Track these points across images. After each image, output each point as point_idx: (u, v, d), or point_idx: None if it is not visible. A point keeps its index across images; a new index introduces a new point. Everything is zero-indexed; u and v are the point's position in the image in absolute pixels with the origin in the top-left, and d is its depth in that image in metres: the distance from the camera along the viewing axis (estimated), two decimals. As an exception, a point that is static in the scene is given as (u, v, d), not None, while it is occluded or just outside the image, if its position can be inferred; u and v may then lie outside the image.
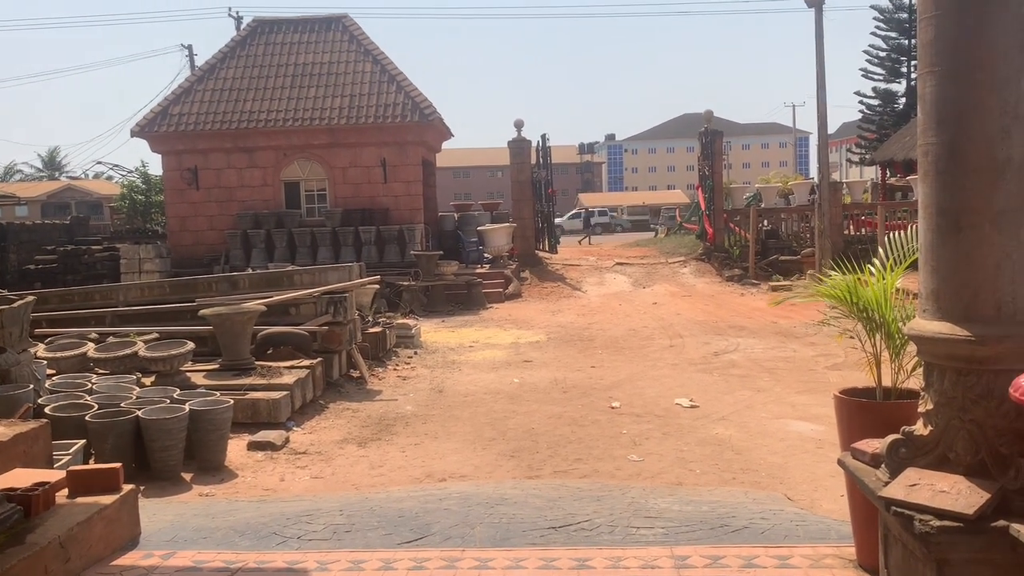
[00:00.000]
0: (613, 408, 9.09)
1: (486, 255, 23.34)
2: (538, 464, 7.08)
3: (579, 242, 40.57)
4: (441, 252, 21.55)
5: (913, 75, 39.51)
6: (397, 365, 12.13)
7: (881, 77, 43.24)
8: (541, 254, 26.30)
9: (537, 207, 26.63)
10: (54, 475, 4.82)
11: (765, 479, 6.53)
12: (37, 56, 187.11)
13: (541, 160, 27.31)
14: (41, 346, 9.69)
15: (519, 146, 25.76)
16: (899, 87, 42.78)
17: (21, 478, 4.61)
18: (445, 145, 27.75)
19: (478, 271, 21.69)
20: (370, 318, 13.07)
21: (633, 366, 11.73)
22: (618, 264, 26.05)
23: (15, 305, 7.27)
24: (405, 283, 19.48)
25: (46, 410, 6.83)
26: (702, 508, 5.38)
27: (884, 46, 42.55)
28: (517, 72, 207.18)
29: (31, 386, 6.96)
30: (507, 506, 5.45)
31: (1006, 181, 3.11)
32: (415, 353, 13.10)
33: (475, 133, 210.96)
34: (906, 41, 41.02)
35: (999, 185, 3.11)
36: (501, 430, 8.29)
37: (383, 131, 23.01)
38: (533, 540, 4.68)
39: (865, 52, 42.89)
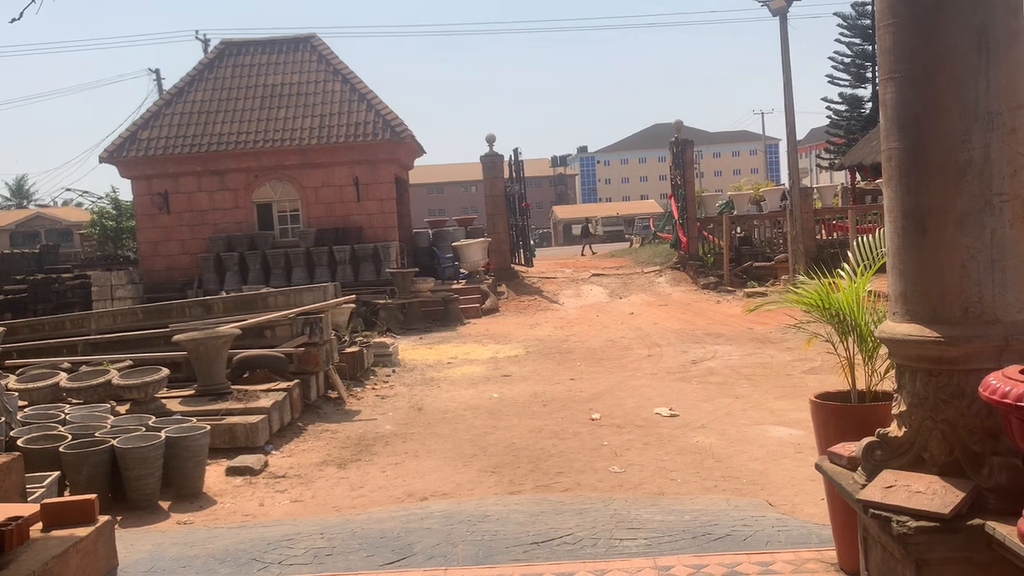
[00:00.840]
0: (593, 420, 9.09)
1: (462, 271, 23.32)
2: (520, 479, 7.06)
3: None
4: (417, 269, 21.51)
5: (878, 80, 40.14)
6: (375, 384, 12.07)
7: (847, 83, 43.83)
8: (517, 268, 26.34)
9: (512, 221, 26.68)
10: (28, 509, 4.73)
11: (746, 486, 6.55)
12: (3, 83, 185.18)
13: (514, 174, 27.39)
14: (12, 377, 9.54)
15: (492, 161, 25.82)
16: (865, 92, 43.37)
17: (-7, 513, 4.53)
18: (418, 162, 27.75)
19: (454, 287, 21.66)
20: (347, 338, 13.00)
21: (612, 377, 11.75)
22: (594, 275, 26.13)
23: (-16, 337, 7.15)
24: (381, 301, 19.41)
25: (19, 442, 6.71)
26: (684, 517, 5.39)
27: (849, 52, 43.15)
28: (488, 87, 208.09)
29: (2, 418, 6.83)
30: (489, 523, 5.43)
31: (968, 183, 3.15)
32: (393, 371, 13.04)
33: (448, 149, 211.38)
34: (870, 47, 41.59)
35: (961, 187, 3.16)
36: (482, 446, 8.26)
37: (355, 150, 22.97)
38: (516, 556, 4.66)
39: (831, 59, 43.47)
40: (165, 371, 9.02)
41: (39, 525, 4.67)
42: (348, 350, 12.28)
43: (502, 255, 25.38)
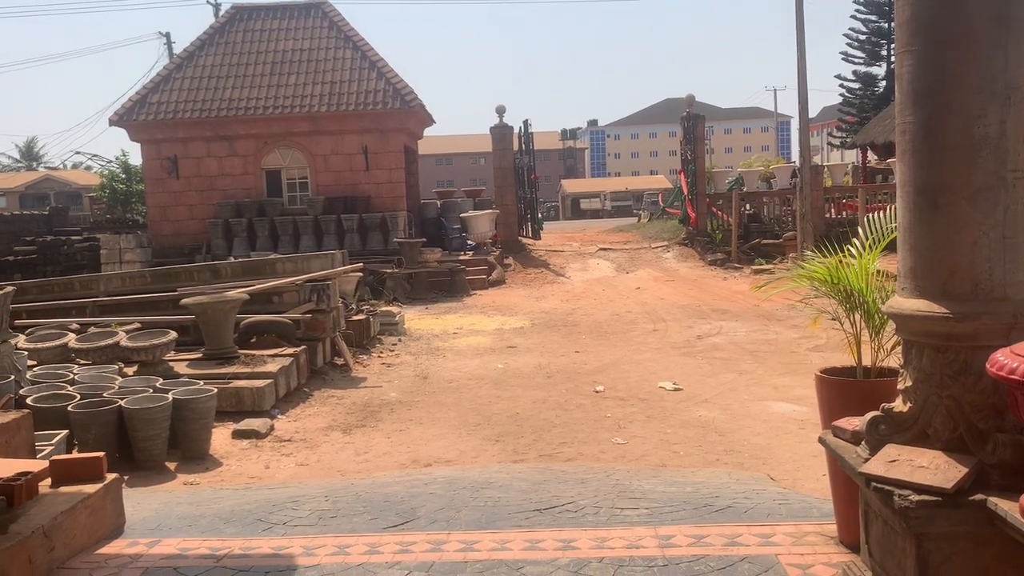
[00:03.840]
0: (597, 392, 9.13)
1: (469, 242, 23.31)
2: (523, 448, 7.11)
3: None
4: (424, 239, 21.50)
5: (893, 58, 39.70)
6: (381, 352, 12.12)
7: (861, 60, 43.33)
8: (524, 240, 26.30)
9: (520, 193, 26.60)
10: (37, 465, 4.79)
11: (748, 460, 6.58)
12: (13, 45, 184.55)
13: (523, 146, 27.27)
14: (21, 337, 9.60)
15: (501, 132, 25.70)
16: (879, 70, 42.88)
17: (3, 468, 4.58)
18: (427, 132, 27.65)
19: (461, 258, 21.67)
20: (353, 306, 13.04)
21: (617, 351, 11.77)
22: (601, 250, 26.09)
23: (-6, 296, 7.19)
24: (388, 271, 19.43)
25: (28, 400, 6.78)
26: (686, 489, 5.42)
27: (864, 29, 42.61)
28: (499, 59, 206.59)
29: (12, 377, 6.90)
30: (492, 490, 5.47)
31: (983, 159, 3.13)
32: (399, 340, 13.08)
33: (457, 120, 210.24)
34: (886, 24, 41.08)
35: (976, 163, 3.13)
36: (486, 415, 8.31)
37: (364, 118, 22.87)
38: (518, 522, 4.70)
39: (845, 36, 42.92)
40: (173, 334, 9.07)
41: (48, 481, 4.73)
42: (355, 318, 12.32)
43: (509, 227, 25.33)
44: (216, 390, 7.53)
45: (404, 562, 4.15)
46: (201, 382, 7.93)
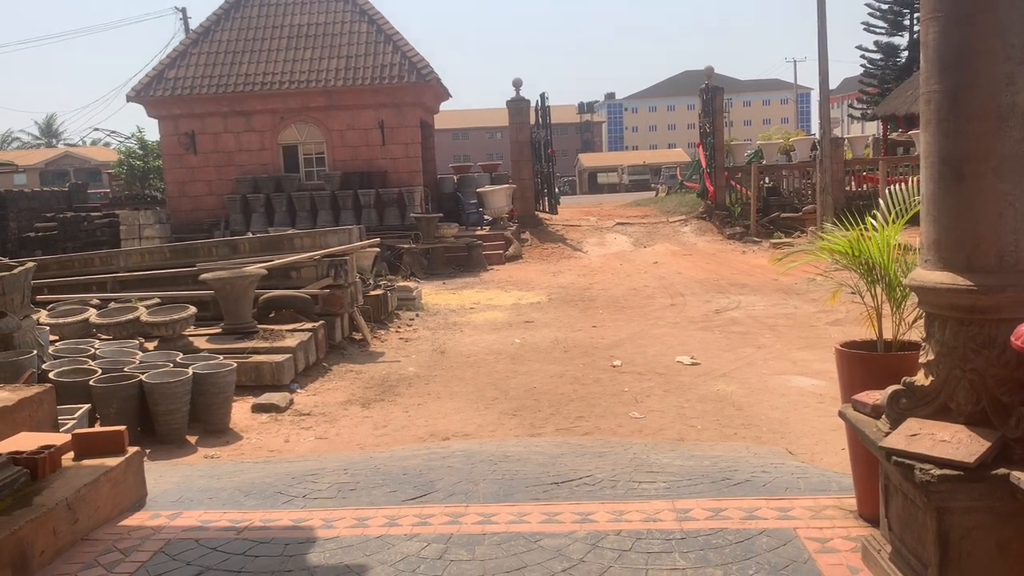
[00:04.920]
0: (614, 367, 9.12)
1: (486, 217, 23.26)
2: (540, 422, 7.12)
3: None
4: (441, 214, 21.47)
5: (916, 28, 39.03)
6: (399, 327, 12.15)
7: (883, 31, 42.62)
8: (541, 215, 26.21)
9: (537, 168, 26.48)
10: (60, 438, 4.85)
11: (766, 434, 6.57)
12: (31, 22, 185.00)
13: (540, 120, 27.10)
14: (43, 312, 9.70)
15: (518, 106, 25.54)
16: (901, 40, 42.20)
17: (27, 442, 4.64)
18: (443, 106, 27.51)
19: (478, 233, 21.64)
20: (371, 281, 13.07)
21: (634, 325, 11.75)
22: (618, 224, 25.98)
23: (16, 271, 7.26)
24: (405, 246, 19.45)
25: (50, 375, 6.86)
26: (704, 463, 5.42)
27: (886, -1, 41.92)
28: (515, 31, 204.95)
29: (35, 352, 6.98)
30: (510, 463, 5.49)
31: (1009, 128, 3.06)
32: (416, 315, 13.12)
33: (474, 94, 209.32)
34: (909, -7, 40.41)
35: (1003, 132, 3.07)
36: (503, 389, 8.33)
37: (380, 93, 22.79)
38: (536, 495, 4.72)
39: (867, 5, 42.18)
40: (192, 309, 9.12)
41: (71, 454, 4.79)
42: (372, 293, 12.35)
43: (526, 202, 25.24)
44: (236, 364, 7.59)
45: (422, 534, 4.18)
46: (221, 357, 7.99)
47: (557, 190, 30.20)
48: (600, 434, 6.70)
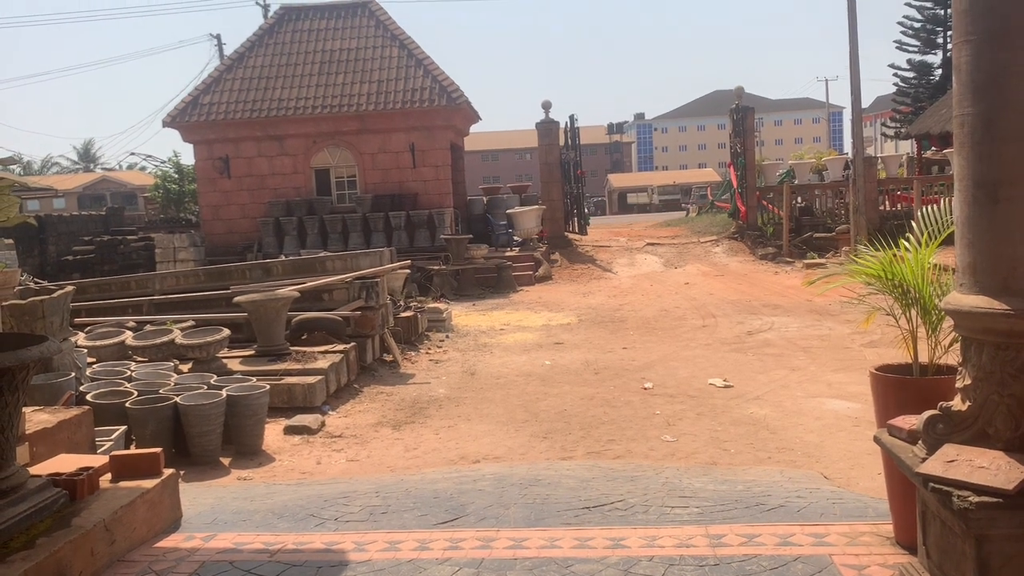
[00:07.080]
0: (646, 389, 9.07)
1: (515, 238, 23.32)
2: (571, 445, 7.10)
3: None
4: (471, 236, 21.56)
5: (949, 46, 38.65)
6: (429, 349, 12.20)
7: (916, 49, 42.25)
8: (571, 236, 26.21)
9: (566, 189, 26.50)
10: (97, 460, 4.93)
11: (801, 458, 6.49)
12: (69, 50, 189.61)
13: (570, 141, 27.16)
14: (81, 335, 9.88)
15: (547, 127, 25.64)
16: (935, 59, 41.79)
17: (66, 463, 4.72)
18: (473, 128, 27.71)
19: (508, 254, 21.69)
20: (402, 302, 13.15)
21: (665, 347, 11.69)
22: (649, 244, 25.91)
23: (55, 295, 7.42)
24: (435, 267, 19.55)
25: (88, 397, 6.97)
26: (737, 487, 5.36)
27: (919, 17, 41.54)
28: (544, 53, 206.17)
29: (73, 374, 7.11)
30: (541, 487, 5.47)
31: (1045, 151, 3.03)
32: (447, 336, 13.16)
33: (503, 116, 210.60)
34: (941, 11, 40.01)
35: (1038, 155, 3.04)
36: (534, 412, 8.31)
37: (411, 116, 23.02)
38: (567, 520, 4.70)
39: (899, 23, 41.86)
40: (226, 331, 9.24)
41: (108, 476, 4.86)
42: (403, 315, 12.42)
43: (556, 223, 25.27)
44: (268, 386, 7.66)
45: (454, 558, 4.17)
46: (254, 379, 8.07)
47: (586, 211, 30.20)
48: (632, 457, 6.66)
